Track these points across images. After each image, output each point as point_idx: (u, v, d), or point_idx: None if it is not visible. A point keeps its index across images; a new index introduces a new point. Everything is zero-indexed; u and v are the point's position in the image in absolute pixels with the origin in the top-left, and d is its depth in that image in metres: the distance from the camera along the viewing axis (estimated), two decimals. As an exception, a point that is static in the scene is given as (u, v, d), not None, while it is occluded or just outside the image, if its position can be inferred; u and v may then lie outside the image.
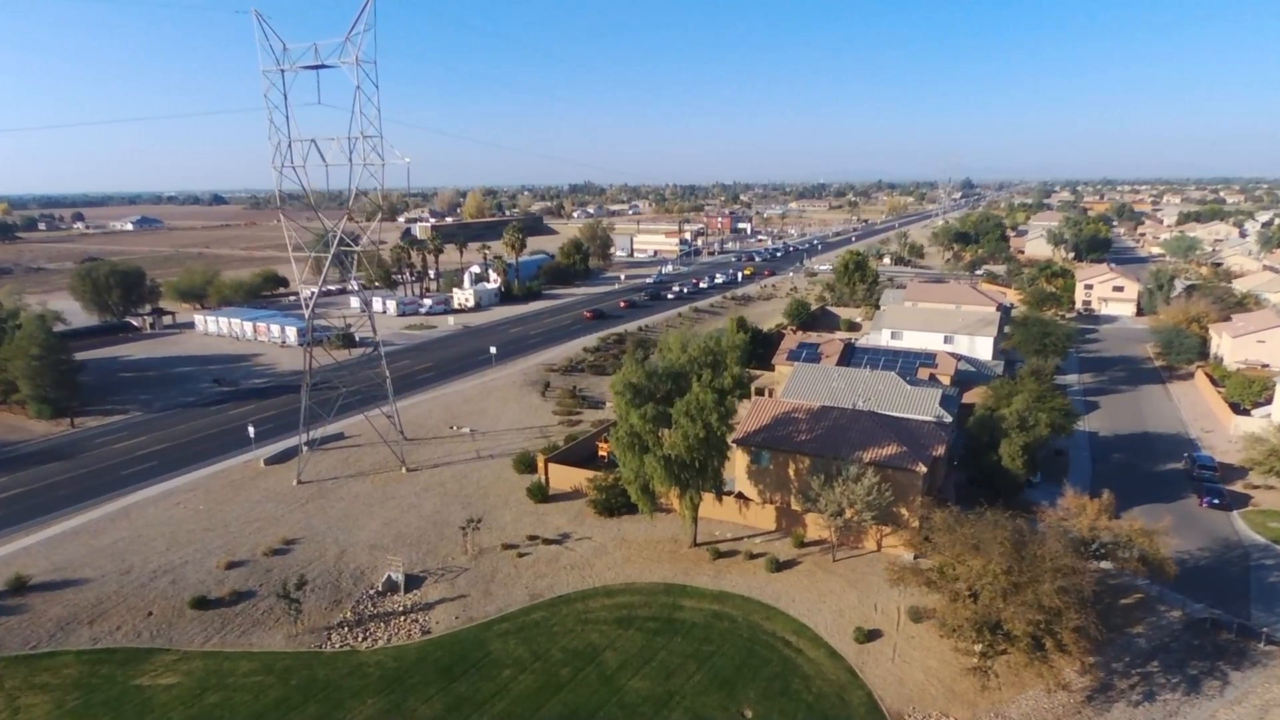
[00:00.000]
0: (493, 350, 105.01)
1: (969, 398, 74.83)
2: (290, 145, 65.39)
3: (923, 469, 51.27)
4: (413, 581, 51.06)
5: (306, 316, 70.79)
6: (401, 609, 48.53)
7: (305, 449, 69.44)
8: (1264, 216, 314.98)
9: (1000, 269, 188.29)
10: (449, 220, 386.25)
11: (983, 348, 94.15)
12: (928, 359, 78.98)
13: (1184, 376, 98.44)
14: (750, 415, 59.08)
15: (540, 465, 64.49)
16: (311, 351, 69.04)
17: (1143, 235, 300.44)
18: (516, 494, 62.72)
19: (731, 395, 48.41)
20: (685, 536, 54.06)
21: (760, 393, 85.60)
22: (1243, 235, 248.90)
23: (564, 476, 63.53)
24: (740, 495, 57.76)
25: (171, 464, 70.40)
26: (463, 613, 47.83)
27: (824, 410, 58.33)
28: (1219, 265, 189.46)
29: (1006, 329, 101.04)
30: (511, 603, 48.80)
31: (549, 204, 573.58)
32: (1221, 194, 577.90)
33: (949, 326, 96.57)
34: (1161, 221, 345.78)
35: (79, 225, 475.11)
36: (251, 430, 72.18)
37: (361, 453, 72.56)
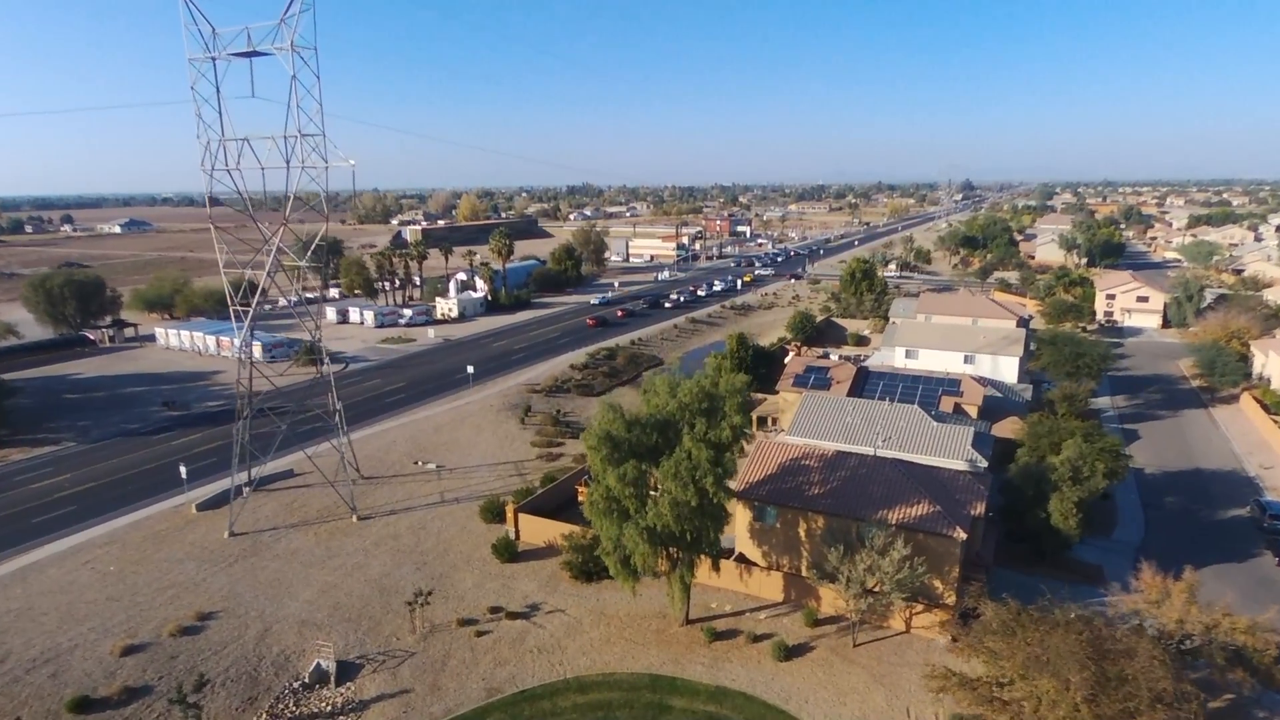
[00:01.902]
0: (470, 370, 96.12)
1: (997, 429, 66.12)
2: (223, 145, 56.72)
3: (961, 535, 42.54)
4: (347, 670, 42.23)
5: (240, 346, 61.78)
6: (329, 708, 39.73)
7: (246, 490, 60.72)
8: (1276, 219, 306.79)
9: (1013, 276, 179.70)
10: (441, 223, 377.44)
11: (1007, 369, 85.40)
12: (951, 386, 70.24)
13: (1226, 400, 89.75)
14: (753, 460, 50.33)
15: (509, 515, 55.71)
16: (250, 380, 60.17)
17: (1153, 240, 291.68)
18: (481, 550, 53.91)
19: (732, 451, 39.74)
20: (675, 612, 45.28)
21: (763, 422, 76.90)
22: (1258, 239, 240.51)
23: (536, 529, 54.77)
24: (741, 558, 48.99)
25: (91, 509, 61.54)
26: (403, 715, 39.04)
27: (840, 457, 49.54)
28: (1240, 272, 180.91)
29: (1033, 346, 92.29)
30: (463, 700, 39.98)
31: (545, 206, 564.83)
32: (1224, 196, 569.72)
33: (969, 344, 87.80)
34: (1170, 225, 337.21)
35: (66, 228, 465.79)
36: (184, 470, 63.33)
37: (311, 495, 63.76)
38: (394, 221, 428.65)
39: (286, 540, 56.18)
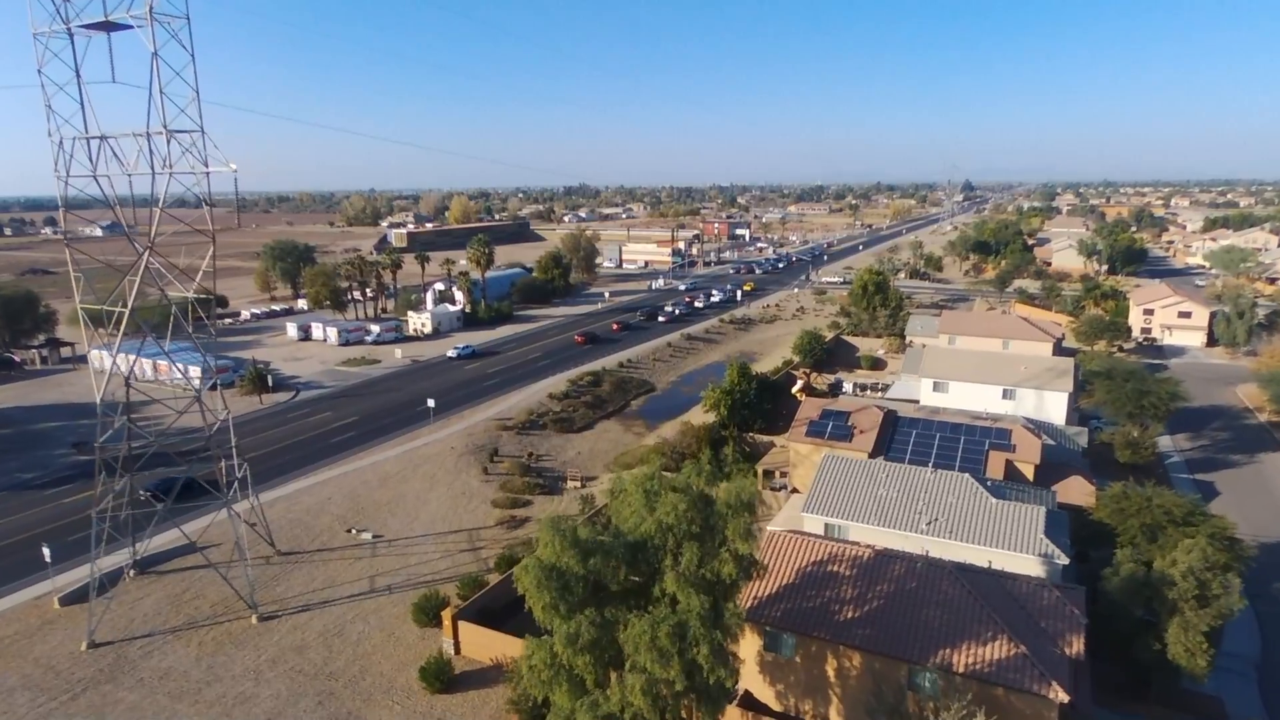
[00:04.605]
0: (430, 404, 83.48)
1: (1060, 494, 53.68)
2: (85, 143, 44.25)
3: (1062, 696, 30.08)
4: None
5: (104, 381, 49.30)
6: None
7: (128, 573, 48.23)
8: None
9: (1032, 285, 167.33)
10: (429, 226, 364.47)
11: (1055, 407, 72.97)
12: (1000, 438, 57.81)
13: (1306, 439, 77.40)
14: (766, 559, 37.77)
15: (447, 623, 43.15)
16: (127, 425, 47.68)
17: (1170, 244, 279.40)
18: (407, 674, 41.35)
19: (735, 599, 27.32)
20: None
21: (769, 475, 64.42)
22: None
23: (482, 642, 42.24)
24: (748, 700, 36.45)
25: (-75, 604, 48.93)
26: None
27: (882, 561, 37.06)
28: (1275, 281, 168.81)
29: (1082, 376, 79.78)
30: None
31: (540, 207, 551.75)
32: (1230, 197, 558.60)
33: (1009, 377, 75.38)
34: (1185, 228, 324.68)
35: (47, 230, 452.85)
36: (47, 551, 50.64)
37: (210, 580, 51.07)
38: (383, 224, 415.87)
39: (160, 654, 43.56)
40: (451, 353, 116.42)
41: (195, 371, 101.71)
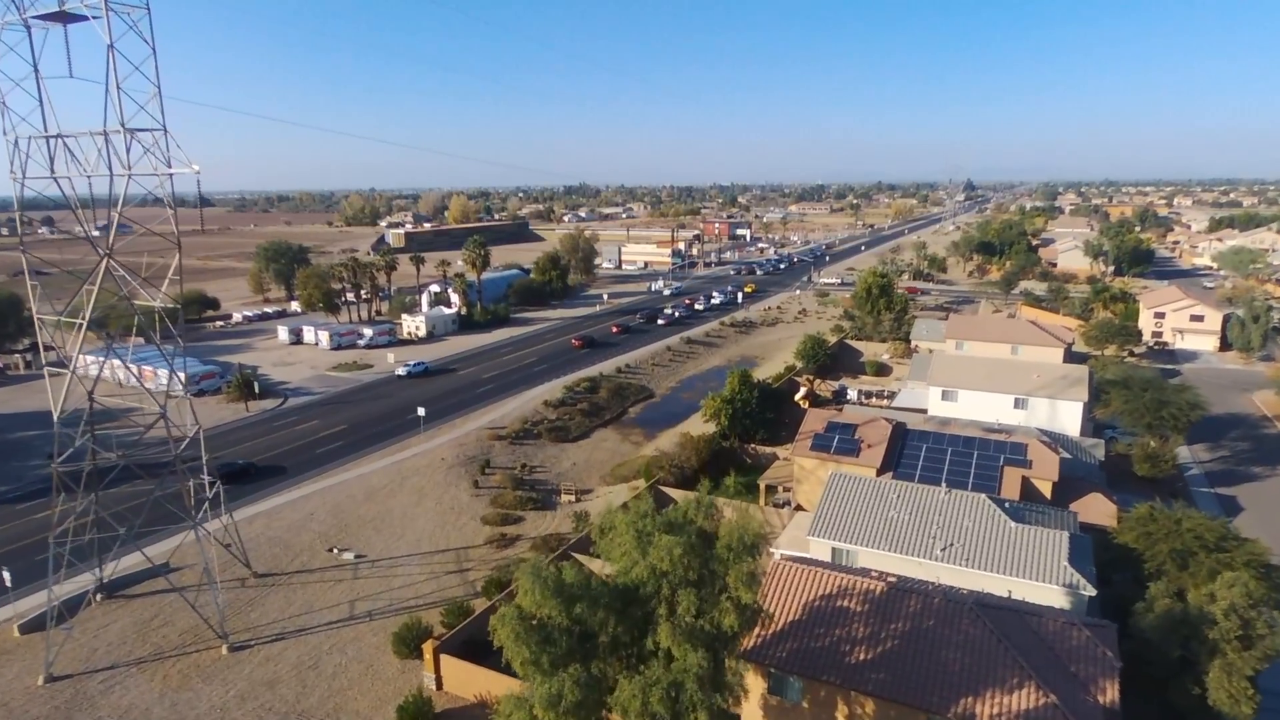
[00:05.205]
0: (420, 412, 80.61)
1: (1079, 512, 50.82)
2: (45, 142, 41.45)
3: (1097, 754, 27.25)
4: None
5: (53, 403, 46.53)
6: None
7: (96, 598, 45.46)
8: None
9: (1038, 287, 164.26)
10: (428, 226, 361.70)
11: (1069, 417, 70.12)
12: (1016, 452, 54.94)
13: (1328, 449, 74.51)
14: (769, 595, 35.04)
15: (428, 656, 40.33)
16: (92, 435, 44.96)
17: (1176, 244, 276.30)
18: (385, 711, 38.53)
19: (734, 656, 24.51)
20: None
21: (772, 490, 61.59)
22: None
23: (465, 678, 39.43)
24: (750, 747, 33.64)
25: (-123, 631, 46.12)
26: None
27: (895, 595, 34.24)
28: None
29: (1097, 381, 76.86)
30: None
31: (540, 207, 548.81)
32: (1232, 196, 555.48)
33: (1021, 385, 72.55)
34: (1190, 228, 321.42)
35: (44, 230, 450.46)
36: (6, 575, 47.83)
37: (180, 603, 48.17)
38: (382, 224, 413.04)
39: (122, 688, 40.77)
40: (401, 371, 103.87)
41: (181, 377, 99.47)
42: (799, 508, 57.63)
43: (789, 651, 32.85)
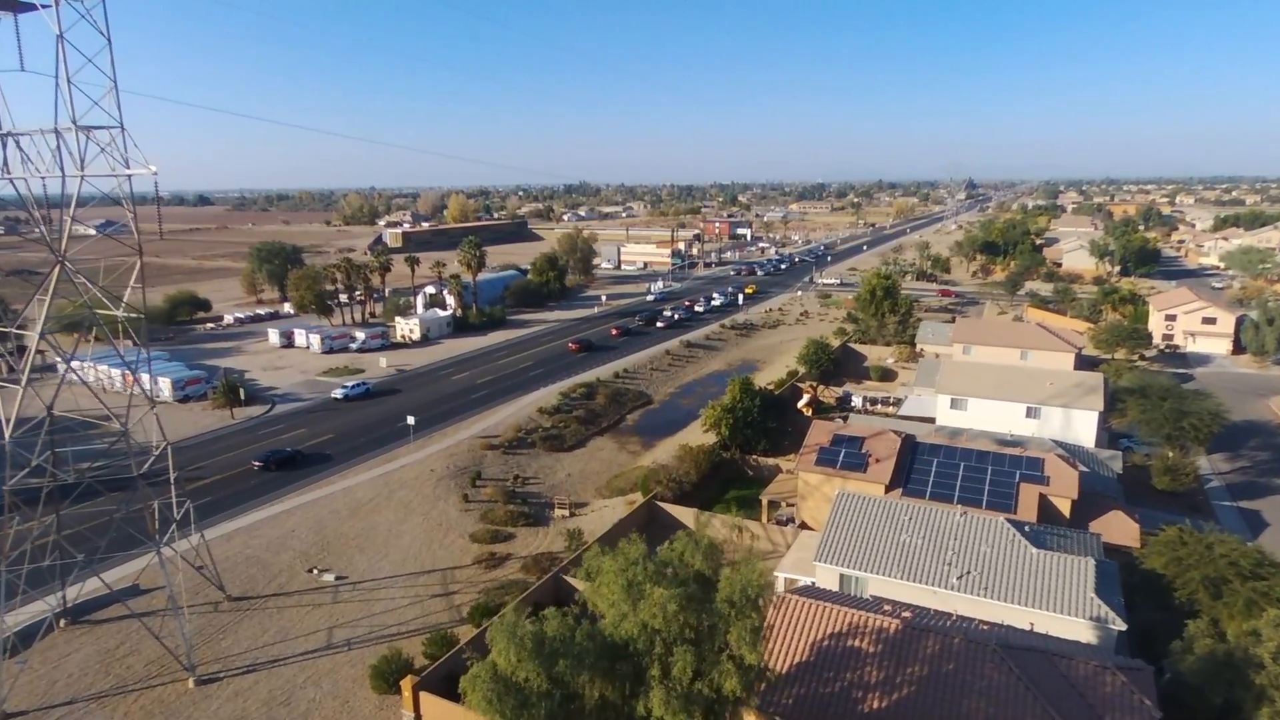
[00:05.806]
0: (410, 421, 77.80)
1: (1098, 531, 48.07)
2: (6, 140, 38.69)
3: (1140, 822, 24.46)
4: None
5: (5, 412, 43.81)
6: None
7: (59, 623, 42.68)
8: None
9: (1044, 287, 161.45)
10: (426, 225, 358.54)
11: (1084, 427, 67.45)
12: (1032, 468, 52.14)
13: (1352, 459, 71.68)
14: (775, 632, 32.31)
15: (406, 694, 37.59)
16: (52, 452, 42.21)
17: (1182, 243, 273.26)
18: (359, 755, 35.85)
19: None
20: None
21: (775, 505, 58.81)
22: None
23: (445, 718, 36.67)
24: (754, 802, 30.87)
25: None
26: None
27: (911, 635, 31.46)
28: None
29: (1112, 389, 74.09)
30: None
31: (539, 206, 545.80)
32: (1234, 194, 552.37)
33: (1034, 394, 69.81)
34: (1195, 226, 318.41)
35: (42, 229, 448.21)
36: (-37, 603, 45.06)
37: (147, 632, 45.47)
38: (380, 223, 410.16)
39: (79, 728, 38.06)
40: (338, 393, 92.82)
41: (164, 383, 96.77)
42: (803, 525, 54.90)
43: (795, 698, 30.12)
